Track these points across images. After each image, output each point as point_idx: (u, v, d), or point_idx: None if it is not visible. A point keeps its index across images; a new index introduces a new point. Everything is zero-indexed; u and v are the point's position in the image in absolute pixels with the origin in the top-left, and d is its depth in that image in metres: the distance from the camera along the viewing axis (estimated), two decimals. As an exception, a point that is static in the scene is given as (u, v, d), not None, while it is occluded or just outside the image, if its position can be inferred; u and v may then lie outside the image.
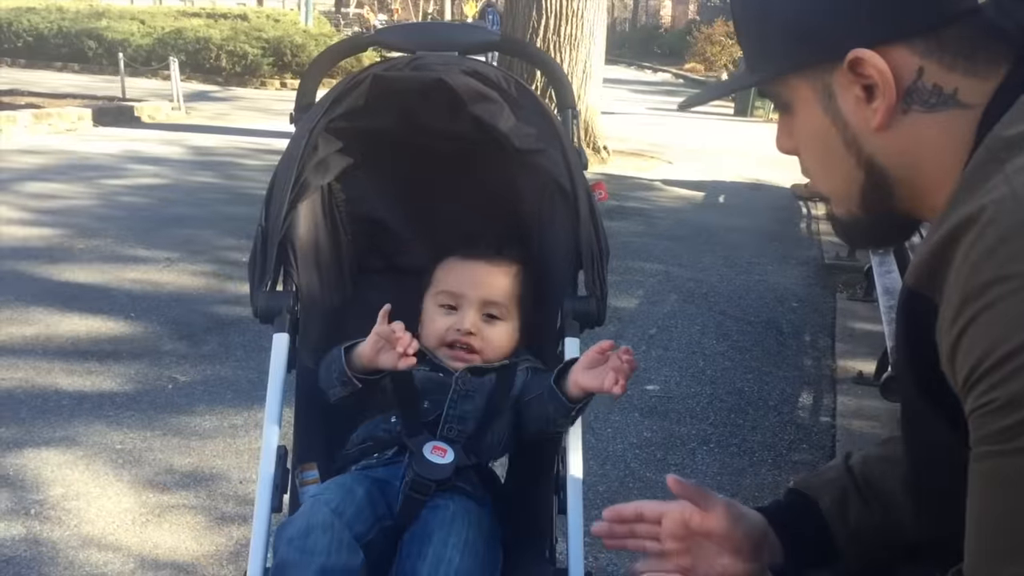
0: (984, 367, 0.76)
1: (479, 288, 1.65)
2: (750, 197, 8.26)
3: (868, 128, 0.92)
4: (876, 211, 0.99)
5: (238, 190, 6.97)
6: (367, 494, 1.46)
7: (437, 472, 1.50)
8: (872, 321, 4.39)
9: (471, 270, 1.67)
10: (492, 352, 1.65)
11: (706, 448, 3.33)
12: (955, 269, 0.80)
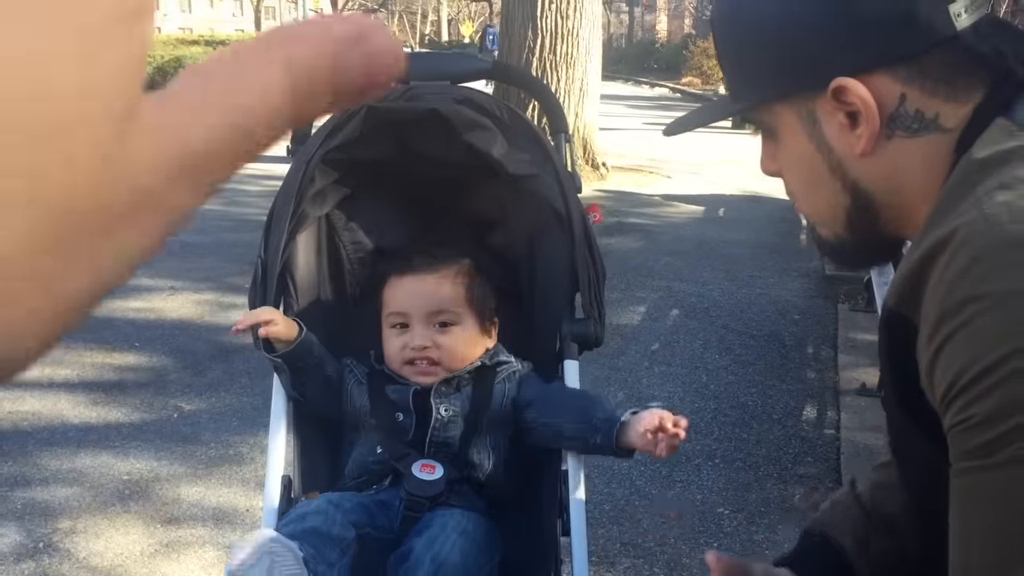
0: (961, 383, 0.78)
1: (422, 301, 1.63)
2: (750, 210, 8.27)
3: (852, 154, 0.94)
4: (862, 233, 1.00)
5: (239, 217, 7.00)
6: (367, 504, 1.51)
7: (428, 488, 1.52)
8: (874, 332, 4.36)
9: (410, 285, 1.64)
10: (454, 360, 1.63)
11: (711, 463, 3.34)
12: (931, 288, 0.82)
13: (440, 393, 1.61)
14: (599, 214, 1.81)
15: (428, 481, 1.53)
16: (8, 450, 3.23)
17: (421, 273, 1.64)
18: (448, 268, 1.65)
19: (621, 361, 4.32)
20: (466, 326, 1.64)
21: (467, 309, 1.65)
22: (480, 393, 1.62)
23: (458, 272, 1.65)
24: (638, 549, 2.76)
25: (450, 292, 1.64)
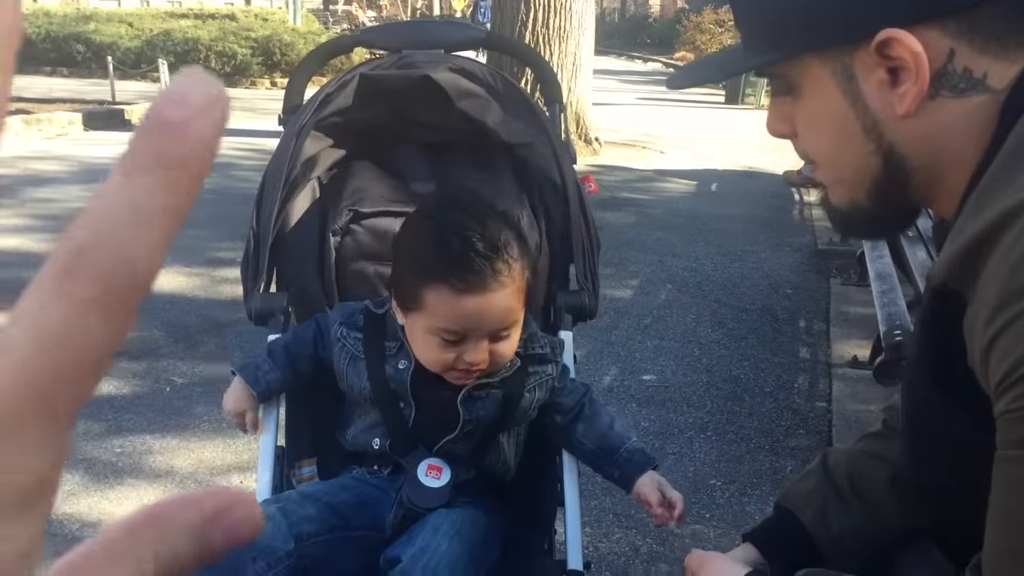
0: (1020, 372, 0.75)
1: (486, 322, 1.40)
2: (742, 185, 8.26)
3: (892, 114, 0.88)
4: (886, 200, 0.95)
5: (231, 191, 6.97)
6: (337, 504, 1.44)
7: (431, 499, 1.44)
8: (866, 305, 4.40)
9: (473, 304, 1.37)
10: (501, 363, 1.47)
11: (703, 436, 3.35)
12: (992, 265, 0.78)
13: (469, 398, 1.47)
14: (594, 184, 1.79)
15: (432, 489, 1.44)
16: (0, 423, 3.22)
17: (485, 292, 1.37)
18: (509, 276, 1.39)
19: (614, 335, 4.32)
20: (520, 322, 1.47)
21: (523, 311, 1.47)
22: (509, 400, 1.50)
23: (518, 275, 1.41)
24: (630, 520, 2.77)
25: (512, 305, 1.42)
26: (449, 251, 1.35)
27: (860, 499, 1.21)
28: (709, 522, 2.78)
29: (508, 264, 1.38)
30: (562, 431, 1.58)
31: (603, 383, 3.79)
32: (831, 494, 1.23)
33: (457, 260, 1.35)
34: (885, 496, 1.19)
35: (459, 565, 1.37)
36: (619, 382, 3.82)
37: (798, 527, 1.23)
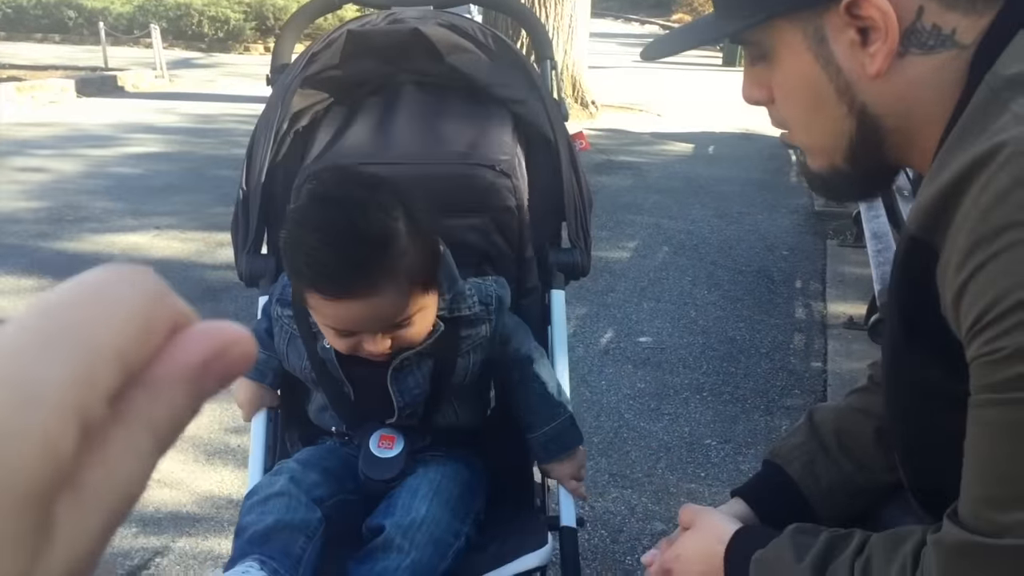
0: (991, 315, 0.75)
1: (369, 324, 1.30)
2: (739, 147, 8.23)
3: (864, 74, 0.89)
4: (863, 162, 0.96)
5: (225, 156, 6.94)
6: (331, 468, 1.44)
7: (384, 471, 1.41)
8: (862, 266, 4.41)
9: (347, 310, 1.27)
10: (419, 338, 1.37)
11: (699, 397, 3.36)
12: (962, 213, 0.78)
13: (398, 373, 1.40)
14: (585, 141, 1.75)
15: (385, 460, 1.42)
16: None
17: (362, 300, 1.25)
18: (393, 276, 1.26)
19: (610, 298, 4.32)
20: (422, 312, 1.34)
21: (422, 294, 1.33)
22: (441, 370, 1.42)
23: (405, 273, 1.27)
24: (626, 480, 2.79)
25: (402, 300, 1.29)
26: (316, 260, 1.23)
27: (847, 454, 1.22)
28: (704, 481, 2.80)
29: (383, 268, 1.24)
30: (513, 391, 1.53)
31: (599, 345, 3.80)
32: (818, 449, 1.24)
33: (323, 271, 1.23)
34: (871, 450, 1.20)
35: (441, 525, 1.37)
36: (615, 344, 3.82)
37: (787, 481, 1.24)
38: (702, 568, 1.12)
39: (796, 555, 0.98)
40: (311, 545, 1.32)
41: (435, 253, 1.35)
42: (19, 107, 9.23)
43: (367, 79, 1.68)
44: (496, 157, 1.58)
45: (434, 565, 1.34)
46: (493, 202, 1.57)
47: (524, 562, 1.45)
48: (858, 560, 0.93)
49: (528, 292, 1.65)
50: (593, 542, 2.46)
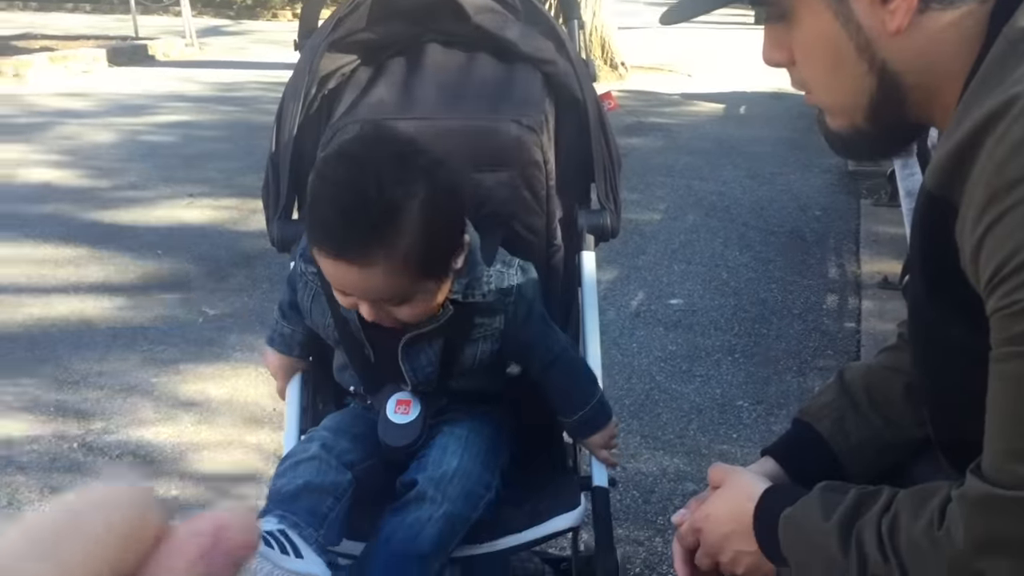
0: (1009, 267, 0.76)
1: (361, 291, 1.29)
2: (771, 107, 8.12)
3: (884, 31, 0.88)
4: (884, 120, 0.96)
5: (256, 124, 6.96)
6: (360, 434, 1.46)
7: (400, 437, 1.42)
8: (897, 225, 4.36)
9: (342, 272, 1.26)
10: (413, 319, 1.36)
11: (731, 358, 3.36)
12: (978, 167, 0.78)
13: (409, 349, 1.41)
14: (614, 101, 1.73)
15: (401, 426, 1.42)
16: (40, 355, 3.29)
17: (355, 266, 1.25)
18: (390, 254, 1.23)
19: (641, 260, 4.31)
20: (419, 296, 1.32)
21: (414, 285, 1.30)
22: (451, 350, 1.42)
23: (403, 255, 1.24)
24: (658, 441, 2.80)
25: (394, 281, 1.27)
26: (320, 214, 1.25)
27: (877, 410, 1.22)
28: (736, 442, 2.80)
29: (381, 241, 1.22)
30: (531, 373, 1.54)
31: (630, 308, 3.80)
32: (848, 406, 1.24)
33: (324, 226, 1.24)
34: (901, 406, 1.20)
35: (471, 477, 1.40)
36: (646, 307, 3.82)
37: (817, 439, 1.24)
38: (732, 527, 1.13)
39: (824, 513, 0.99)
40: (339, 506, 1.35)
41: (449, 240, 1.31)
42: (52, 77, 9.31)
43: (393, 41, 1.67)
44: (522, 111, 1.57)
45: (466, 515, 1.37)
46: (520, 156, 1.56)
47: (558, 522, 1.47)
48: (885, 517, 0.94)
49: (555, 251, 1.64)
50: (625, 502, 2.48)
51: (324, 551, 1.29)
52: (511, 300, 1.43)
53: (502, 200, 1.57)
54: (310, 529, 1.29)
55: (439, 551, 1.34)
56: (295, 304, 1.54)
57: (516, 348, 1.48)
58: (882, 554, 0.92)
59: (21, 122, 7.18)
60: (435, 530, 1.33)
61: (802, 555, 1.02)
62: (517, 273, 1.45)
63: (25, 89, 8.73)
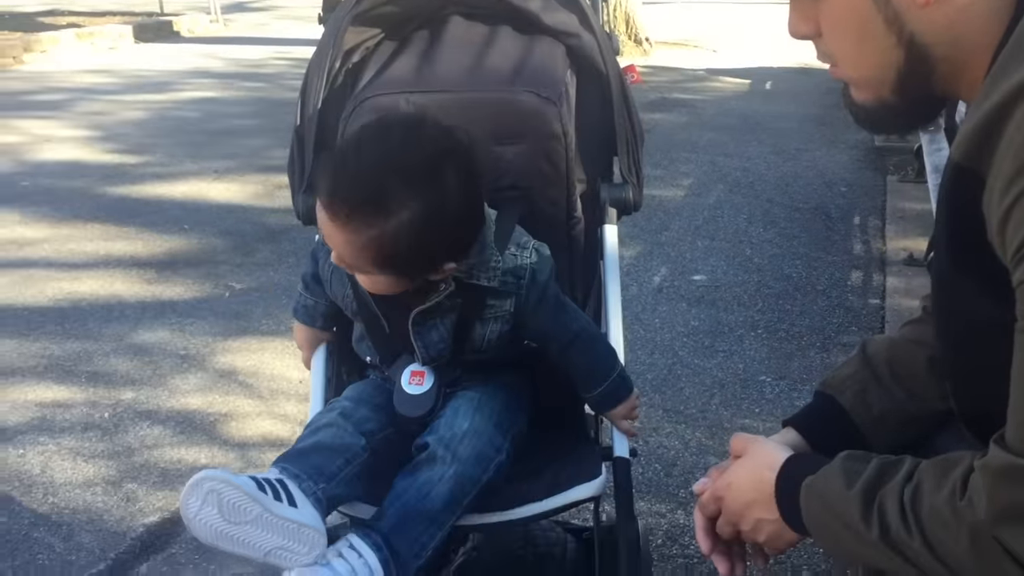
0: None
1: (332, 245, 1.33)
2: (798, 82, 8.04)
3: (913, 3, 0.89)
4: (911, 93, 0.96)
5: (281, 100, 6.99)
6: (381, 404, 1.48)
7: (415, 407, 1.45)
8: (923, 201, 4.33)
9: (326, 224, 1.30)
10: (371, 289, 1.39)
11: (754, 334, 3.36)
12: (1006, 138, 0.78)
13: (420, 326, 1.43)
14: (637, 75, 1.73)
15: (415, 396, 1.45)
16: (70, 328, 3.35)
17: (333, 221, 1.28)
18: (360, 227, 1.27)
19: (664, 236, 4.31)
20: (383, 276, 1.34)
21: (380, 268, 1.32)
22: (462, 329, 1.44)
23: (372, 237, 1.27)
24: (680, 415, 2.81)
25: (357, 253, 1.30)
26: (331, 160, 1.32)
27: (899, 382, 1.23)
28: (759, 416, 2.81)
29: (360, 213, 1.25)
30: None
31: (652, 283, 3.80)
32: (870, 378, 1.24)
33: (328, 174, 1.30)
34: (924, 378, 1.20)
35: (482, 438, 1.41)
36: (669, 282, 3.82)
37: (839, 411, 1.25)
38: (753, 495, 1.14)
39: (846, 482, 1.00)
40: (350, 467, 1.37)
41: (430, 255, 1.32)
42: (79, 53, 9.38)
43: (416, 13, 1.68)
44: (541, 83, 1.57)
45: (476, 476, 1.38)
46: (539, 128, 1.56)
47: (579, 491, 1.49)
48: (907, 487, 0.94)
49: (576, 223, 1.65)
50: (647, 475, 2.50)
51: (323, 506, 1.30)
52: (523, 283, 1.43)
53: (521, 172, 1.58)
54: (310, 482, 1.29)
55: (449, 510, 1.36)
56: (317, 276, 1.58)
57: (532, 331, 1.49)
58: (904, 523, 0.93)
59: (49, 98, 7.25)
60: (445, 489, 1.35)
61: (823, 523, 1.03)
62: (531, 255, 1.44)
63: (52, 66, 8.80)
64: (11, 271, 3.86)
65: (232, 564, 2.13)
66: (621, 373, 1.53)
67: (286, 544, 1.22)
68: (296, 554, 1.23)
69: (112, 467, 2.53)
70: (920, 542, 0.91)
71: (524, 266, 1.43)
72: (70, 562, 2.16)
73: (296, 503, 1.25)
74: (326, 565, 1.25)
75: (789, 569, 2.15)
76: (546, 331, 1.49)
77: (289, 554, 1.23)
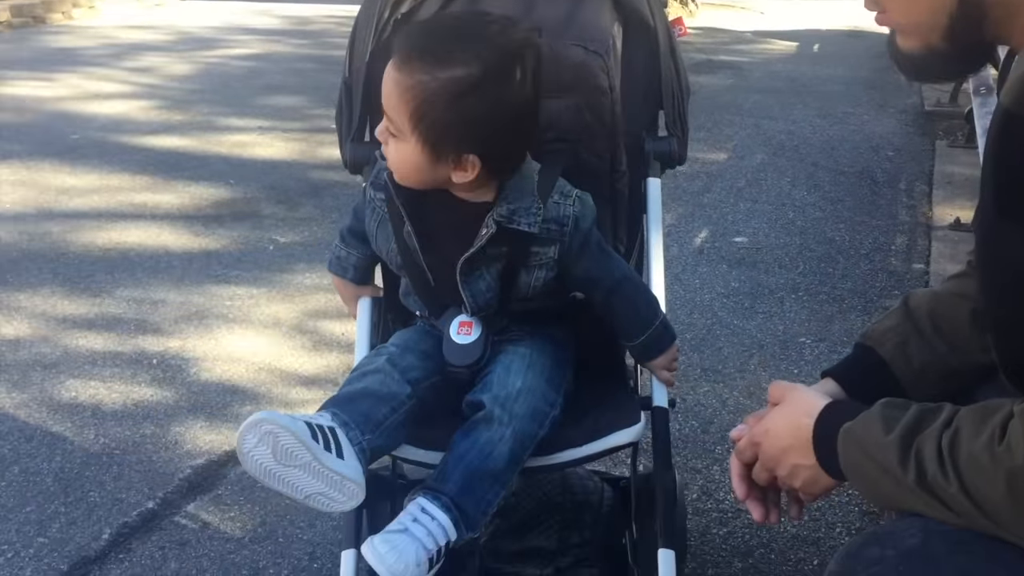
0: None
1: (383, 92, 1.38)
2: (847, 45, 7.91)
3: None
4: (961, 39, 0.95)
5: (328, 59, 7.01)
6: (428, 351, 1.51)
7: (464, 356, 1.48)
8: (973, 167, 4.25)
9: (388, 70, 1.37)
10: (393, 165, 1.41)
11: (795, 296, 3.35)
12: None
13: (467, 283, 1.45)
14: (684, 27, 1.72)
15: (463, 346, 1.48)
16: (119, 277, 3.42)
17: (391, 66, 1.36)
18: (418, 74, 1.32)
19: (706, 198, 4.29)
20: (405, 144, 1.37)
21: (411, 126, 1.35)
22: (508, 277, 1.46)
23: (423, 83, 1.31)
24: (718, 375, 2.82)
25: (396, 99, 1.35)
26: (411, 31, 1.45)
27: (940, 335, 1.23)
28: (797, 377, 2.81)
29: (423, 57, 1.32)
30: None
31: (693, 245, 3.79)
32: (912, 330, 1.24)
33: (405, 38, 1.40)
34: (966, 331, 1.20)
35: (536, 394, 1.44)
36: (710, 244, 3.81)
37: (879, 362, 1.26)
38: (790, 441, 1.15)
39: (885, 427, 1.01)
40: (395, 416, 1.40)
41: (472, 129, 1.34)
42: (127, 9, 9.45)
43: None
44: (588, 36, 1.58)
45: (533, 433, 1.42)
46: (585, 81, 1.57)
47: (618, 437, 1.51)
48: (946, 432, 0.95)
49: (620, 176, 1.65)
50: (684, 431, 2.52)
51: (366, 456, 1.34)
52: (567, 230, 1.44)
53: (567, 126, 1.59)
54: (357, 431, 1.33)
55: (510, 468, 1.40)
56: (355, 231, 1.61)
57: (576, 278, 1.51)
58: (941, 468, 0.94)
59: (97, 53, 7.33)
60: (506, 448, 1.39)
61: (861, 468, 1.04)
62: (575, 204, 1.46)
63: (100, 21, 8.89)
64: (62, 221, 3.94)
65: (275, 506, 2.20)
66: (664, 322, 1.54)
67: (327, 491, 1.28)
68: (335, 501, 1.29)
69: (160, 411, 2.60)
70: (957, 487, 0.92)
71: (567, 214, 1.45)
72: (120, 500, 2.24)
73: (343, 454, 1.29)
74: (404, 531, 1.30)
75: (824, 526, 2.16)
76: (590, 277, 1.50)
77: (328, 500, 1.29)
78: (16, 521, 2.16)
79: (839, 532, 2.15)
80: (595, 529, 1.76)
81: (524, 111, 1.39)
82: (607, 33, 1.61)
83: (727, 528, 2.16)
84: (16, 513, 2.19)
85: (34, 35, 8.13)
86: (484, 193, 1.43)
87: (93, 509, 2.20)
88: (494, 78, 1.32)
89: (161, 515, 2.19)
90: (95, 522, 2.16)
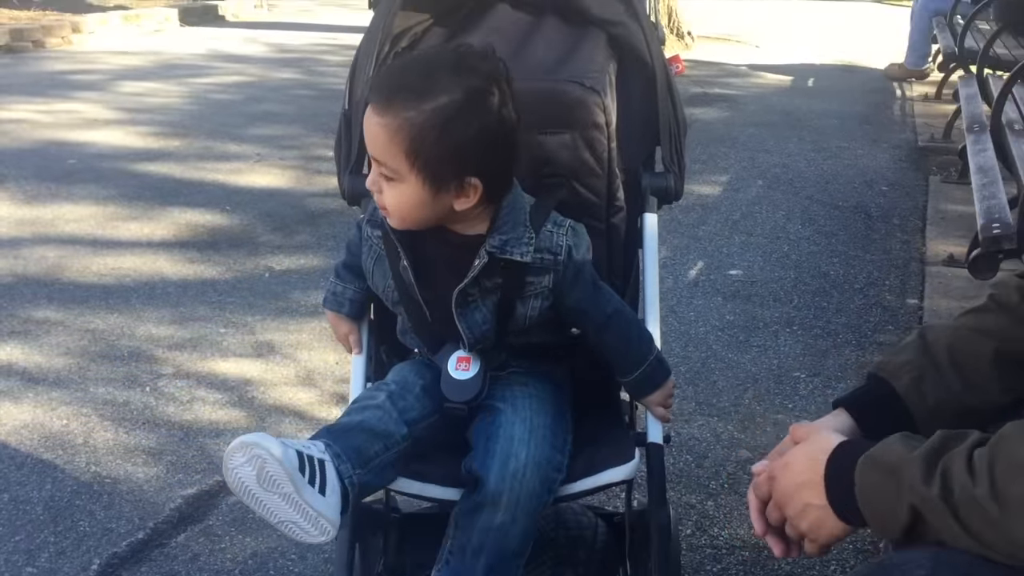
0: None
1: (368, 140, 1.40)
2: (841, 80, 7.97)
3: None
4: None
5: (323, 86, 7.05)
6: (428, 386, 1.51)
7: (462, 393, 1.48)
8: (966, 203, 4.27)
9: (368, 117, 1.37)
10: (393, 209, 1.40)
11: (789, 330, 3.35)
12: None
13: (463, 315, 1.45)
14: (681, 65, 1.74)
15: (462, 382, 1.48)
16: (113, 303, 3.42)
17: (372, 111, 1.36)
18: (400, 114, 1.32)
19: (701, 231, 4.30)
20: (406, 185, 1.36)
21: (409, 167, 1.35)
22: (504, 309, 1.47)
23: (408, 124, 1.32)
24: (712, 408, 2.82)
25: (386, 143, 1.35)
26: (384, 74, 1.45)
27: (959, 372, 1.22)
28: (791, 412, 2.81)
29: (401, 95, 1.33)
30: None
31: (688, 277, 3.80)
32: (928, 366, 1.23)
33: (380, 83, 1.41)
34: (988, 370, 1.19)
35: (542, 465, 1.43)
36: (705, 276, 3.82)
37: (892, 395, 1.25)
38: (806, 476, 1.13)
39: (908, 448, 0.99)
40: (387, 455, 1.40)
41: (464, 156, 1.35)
42: (125, 36, 9.50)
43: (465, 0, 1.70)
44: (585, 73, 1.59)
45: (544, 499, 1.44)
46: (581, 118, 1.57)
47: (612, 474, 1.51)
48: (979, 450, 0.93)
49: (616, 211, 1.66)
50: (679, 466, 2.51)
51: (354, 491, 1.34)
52: (560, 259, 1.45)
53: (563, 162, 1.59)
54: (348, 464, 1.34)
55: (528, 539, 1.43)
56: (350, 266, 1.62)
57: (569, 309, 1.50)
58: (971, 476, 0.92)
59: (96, 79, 7.36)
60: (519, 529, 1.41)
61: (878, 491, 1.02)
62: (568, 234, 1.47)
63: (98, 46, 8.93)
64: (58, 247, 3.94)
65: (266, 538, 2.18)
66: (658, 357, 1.54)
67: (300, 523, 1.28)
68: (307, 533, 1.29)
69: (152, 439, 2.59)
70: (986, 485, 0.91)
71: (560, 243, 1.46)
72: (110, 530, 2.22)
73: (326, 491, 1.29)
74: None
75: (818, 563, 2.15)
76: (583, 309, 1.50)
77: (300, 531, 1.29)
78: (5, 550, 2.14)
79: (834, 570, 2.14)
80: (588, 565, 1.75)
81: (510, 127, 1.40)
82: (604, 70, 1.62)
83: (721, 564, 2.15)
84: (5, 542, 2.17)
85: (32, 59, 8.17)
86: (478, 225, 1.44)
87: (83, 539, 2.19)
88: (477, 99, 1.35)
89: (151, 546, 2.18)
90: (84, 552, 2.14)
